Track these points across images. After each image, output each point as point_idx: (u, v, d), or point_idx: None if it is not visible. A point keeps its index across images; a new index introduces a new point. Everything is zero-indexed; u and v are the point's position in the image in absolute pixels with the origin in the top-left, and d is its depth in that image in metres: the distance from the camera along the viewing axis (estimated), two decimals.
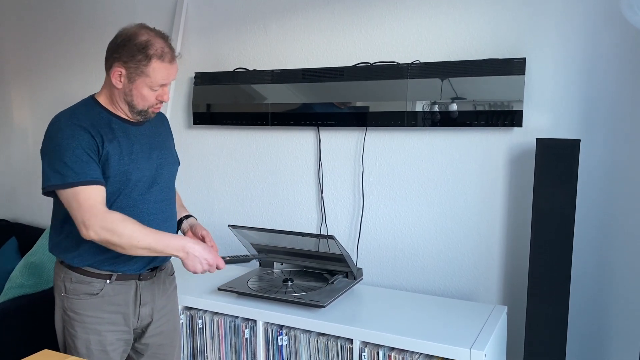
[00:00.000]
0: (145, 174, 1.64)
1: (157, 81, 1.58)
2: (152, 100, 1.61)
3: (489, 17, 2.03)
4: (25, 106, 3.24)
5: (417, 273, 2.26)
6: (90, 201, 1.50)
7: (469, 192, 2.13)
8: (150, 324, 1.75)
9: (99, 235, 1.49)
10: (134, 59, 1.55)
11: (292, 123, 2.36)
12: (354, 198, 2.35)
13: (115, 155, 1.58)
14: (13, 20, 3.20)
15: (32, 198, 3.26)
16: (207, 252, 1.59)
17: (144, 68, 1.55)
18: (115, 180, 1.58)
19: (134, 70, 1.55)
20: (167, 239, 1.56)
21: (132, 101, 1.60)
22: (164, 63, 1.57)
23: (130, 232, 1.50)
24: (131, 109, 1.62)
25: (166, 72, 1.58)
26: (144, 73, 1.56)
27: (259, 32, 2.48)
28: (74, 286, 1.64)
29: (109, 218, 1.50)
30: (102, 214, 1.50)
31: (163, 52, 1.57)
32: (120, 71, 1.57)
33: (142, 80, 1.57)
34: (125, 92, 1.59)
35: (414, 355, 1.74)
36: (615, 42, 1.87)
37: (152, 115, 1.67)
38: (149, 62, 1.55)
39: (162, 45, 1.57)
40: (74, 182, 1.50)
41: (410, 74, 2.12)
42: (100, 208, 1.51)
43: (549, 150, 1.77)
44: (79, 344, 1.65)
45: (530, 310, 1.84)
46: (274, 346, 1.97)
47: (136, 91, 1.58)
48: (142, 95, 1.59)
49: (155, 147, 1.71)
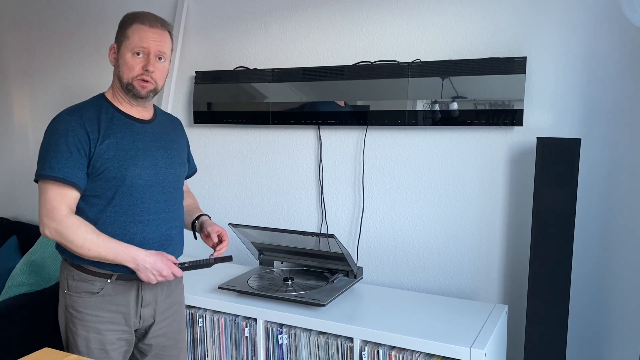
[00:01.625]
0: (144, 172, 1.64)
1: (136, 42, 1.60)
2: (136, 70, 1.61)
3: (490, 16, 2.03)
4: (26, 104, 3.25)
5: (417, 272, 2.26)
6: (55, 203, 1.55)
7: (469, 191, 2.13)
8: (152, 325, 1.74)
9: (52, 237, 1.56)
10: (121, 28, 1.64)
11: (293, 122, 2.36)
12: (354, 197, 2.35)
13: (111, 150, 1.59)
14: (14, 19, 3.20)
15: (32, 196, 3.26)
16: (160, 262, 1.59)
17: (125, 31, 1.62)
18: (111, 175, 1.58)
19: (119, 37, 1.64)
20: (119, 250, 1.57)
21: (120, 73, 1.63)
22: (144, 25, 1.61)
23: (81, 240, 1.54)
24: (121, 86, 1.64)
25: (145, 34, 1.60)
26: (125, 36, 1.62)
27: (259, 31, 2.48)
28: (76, 284, 1.64)
29: (65, 223, 1.54)
30: (60, 217, 1.54)
31: (145, 17, 1.63)
32: (113, 47, 1.66)
33: (125, 45, 1.62)
34: (116, 65, 1.65)
35: (414, 354, 1.74)
36: (616, 40, 1.86)
37: (142, 94, 1.63)
38: (131, 25, 1.62)
39: (148, 14, 1.64)
40: (47, 176, 1.54)
41: (410, 72, 2.12)
42: (62, 211, 1.55)
43: (550, 149, 1.77)
44: (79, 342, 1.65)
45: (531, 310, 1.84)
46: (274, 345, 1.97)
47: (122, 60, 1.62)
48: (126, 63, 1.61)
49: (162, 147, 1.71)
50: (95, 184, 1.59)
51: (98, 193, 1.59)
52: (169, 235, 1.71)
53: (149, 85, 1.63)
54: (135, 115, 1.68)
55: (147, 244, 1.64)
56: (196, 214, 1.88)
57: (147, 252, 1.60)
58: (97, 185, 1.59)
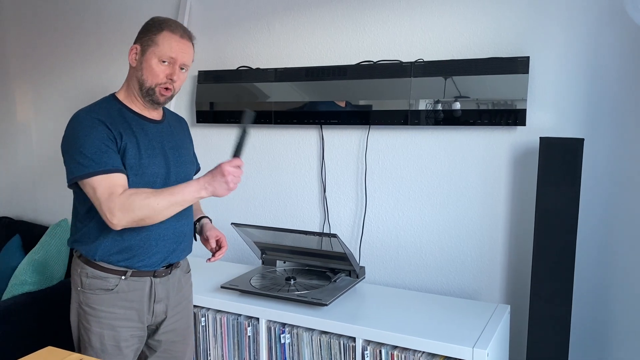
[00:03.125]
0: (160, 170, 1.66)
1: (165, 51, 1.60)
2: (161, 77, 1.62)
3: (493, 16, 2.03)
4: (29, 104, 3.25)
5: (419, 272, 2.26)
6: (110, 189, 1.52)
7: (472, 191, 2.13)
8: (164, 321, 1.76)
9: (124, 219, 1.52)
10: (148, 32, 1.62)
11: (295, 121, 2.36)
12: (356, 196, 2.35)
13: (132, 149, 1.60)
14: (16, 18, 3.21)
15: (35, 195, 3.27)
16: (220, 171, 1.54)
17: (154, 37, 1.60)
18: (131, 174, 1.60)
19: (146, 42, 1.61)
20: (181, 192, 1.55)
21: (142, 76, 1.62)
22: (174, 35, 1.62)
23: (145, 202, 1.51)
24: (141, 87, 1.63)
25: (175, 44, 1.61)
26: (154, 42, 1.60)
27: (262, 31, 2.49)
28: (90, 281, 1.65)
29: (123, 198, 1.52)
30: (117, 197, 1.52)
31: (176, 26, 1.63)
32: (136, 47, 1.63)
33: (151, 51, 1.60)
34: (138, 67, 1.63)
35: (416, 353, 1.74)
36: (619, 40, 1.86)
37: (161, 101, 1.66)
38: (160, 32, 1.61)
39: (176, 23, 1.64)
40: (94, 172, 1.52)
41: (413, 72, 2.12)
42: (118, 192, 1.53)
43: (553, 149, 1.77)
44: (93, 339, 1.66)
45: (533, 309, 1.83)
46: (276, 344, 1.97)
47: (146, 64, 1.61)
48: (151, 68, 1.61)
49: (173, 147, 1.74)
50: None
51: None
52: (182, 232, 1.74)
53: (169, 92, 1.65)
54: (148, 116, 1.70)
55: (162, 240, 1.67)
56: (197, 215, 1.89)
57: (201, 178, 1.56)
58: None
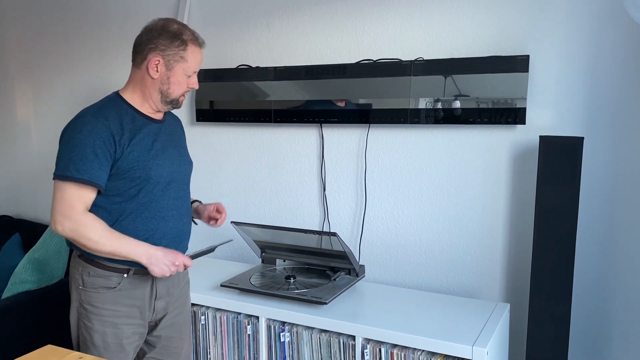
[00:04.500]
0: (165, 170, 1.68)
1: (193, 67, 1.66)
2: (184, 88, 1.68)
3: (493, 14, 2.03)
4: (29, 103, 3.25)
5: (419, 270, 2.26)
6: (73, 202, 1.56)
7: (471, 190, 2.13)
8: (164, 317, 1.78)
9: (66, 234, 1.57)
10: (172, 45, 1.61)
11: (295, 120, 2.36)
12: (356, 195, 2.35)
13: (136, 151, 1.62)
14: (17, 17, 3.20)
15: (35, 194, 3.27)
16: (170, 254, 1.63)
17: (182, 53, 1.62)
18: (136, 175, 1.61)
19: (172, 56, 1.62)
20: (131, 246, 1.60)
21: (168, 89, 1.65)
22: (198, 47, 1.66)
23: (97, 237, 1.56)
24: (164, 98, 1.66)
25: (200, 57, 1.68)
26: (182, 58, 1.62)
27: (262, 29, 2.48)
28: (92, 280, 1.66)
29: (82, 221, 1.56)
30: (76, 215, 1.56)
31: (195, 36, 1.66)
32: (157, 60, 1.61)
33: (179, 66, 1.63)
34: (162, 81, 1.64)
35: (416, 352, 1.74)
36: (619, 39, 1.86)
37: (180, 106, 1.73)
38: (186, 47, 1.62)
39: (192, 32, 1.66)
40: (70, 177, 1.54)
41: (413, 71, 2.12)
42: (78, 209, 1.56)
43: (553, 147, 1.77)
44: (95, 337, 1.67)
45: (533, 308, 1.84)
46: (276, 342, 1.98)
47: (173, 78, 1.64)
48: (178, 82, 1.65)
49: (174, 146, 1.76)
50: (118, 182, 1.61)
51: (120, 191, 1.62)
52: (183, 231, 1.76)
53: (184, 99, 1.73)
54: (151, 116, 1.71)
55: (165, 239, 1.68)
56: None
57: (156, 247, 1.63)
58: (120, 183, 1.61)
